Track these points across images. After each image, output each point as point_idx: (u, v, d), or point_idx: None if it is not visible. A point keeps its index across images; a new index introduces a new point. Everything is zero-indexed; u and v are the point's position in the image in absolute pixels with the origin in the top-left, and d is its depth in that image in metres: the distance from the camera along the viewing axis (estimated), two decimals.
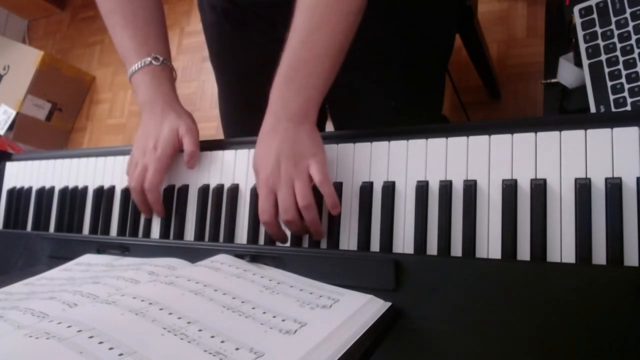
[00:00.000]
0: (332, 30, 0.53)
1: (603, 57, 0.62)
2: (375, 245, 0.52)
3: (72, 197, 0.74)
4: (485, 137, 0.48)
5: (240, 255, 0.49)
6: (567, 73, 0.70)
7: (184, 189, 0.65)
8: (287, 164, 0.52)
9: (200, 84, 1.96)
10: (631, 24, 0.61)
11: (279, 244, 0.57)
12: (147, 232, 0.67)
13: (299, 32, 0.54)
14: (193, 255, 0.51)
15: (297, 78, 0.54)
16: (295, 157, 0.52)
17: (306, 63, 0.54)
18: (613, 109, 0.60)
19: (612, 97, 0.60)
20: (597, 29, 0.64)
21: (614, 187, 0.42)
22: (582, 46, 0.64)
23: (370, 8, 0.56)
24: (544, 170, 0.46)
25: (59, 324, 0.31)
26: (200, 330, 0.33)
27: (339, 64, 0.55)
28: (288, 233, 0.57)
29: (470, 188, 0.48)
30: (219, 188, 0.62)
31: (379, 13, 0.70)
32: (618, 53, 0.61)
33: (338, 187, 0.54)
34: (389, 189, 0.51)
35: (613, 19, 0.62)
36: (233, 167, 0.62)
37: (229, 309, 0.36)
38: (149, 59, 0.66)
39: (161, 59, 0.67)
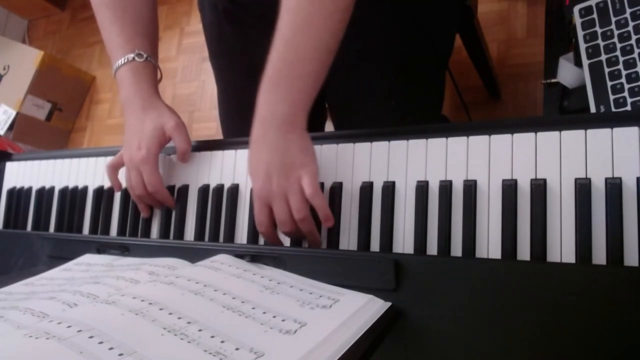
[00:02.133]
0: (318, 31, 0.51)
1: (603, 57, 0.62)
2: (375, 245, 0.52)
3: (72, 197, 0.74)
4: (485, 137, 0.48)
5: (240, 255, 0.49)
6: (567, 73, 0.70)
7: (184, 189, 0.65)
8: (279, 177, 0.51)
9: (200, 84, 1.96)
10: (631, 24, 0.61)
11: None
12: (147, 232, 0.67)
13: (283, 33, 0.52)
14: (193, 255, 0.51)
15: (283, 81, 0.52)
16: (286, 169, 0.51)
17: (291, 65, 0.52)
18: (613, 109, 0.60)
19: (612, 97, 0.60)
20: (597, 29, 0.64)
21: (614, 187, 0.42)
22: (582, 46, 0.64)
23: (370, 7, 0.56)
24: (544, 170, 0.46)
25: (59, 324, 0.31)
26: (200, 330, 0.33)
27: (328, 66, 0.53)
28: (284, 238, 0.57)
29: (470, 188, 0.48)
30: (219, 188, 0.62)
31: (379, 12, 0.70)
32: (618, 53, 0.61)
33: (338, 187, 0.55)
34: (389, 189, 0.51)
35: (613, 19, 0.62)
36: (233, 167, 0.62)
37: (229, 309, 0.36)
38: (132, 55, 0.66)
39: (145, 55, 0.66)
